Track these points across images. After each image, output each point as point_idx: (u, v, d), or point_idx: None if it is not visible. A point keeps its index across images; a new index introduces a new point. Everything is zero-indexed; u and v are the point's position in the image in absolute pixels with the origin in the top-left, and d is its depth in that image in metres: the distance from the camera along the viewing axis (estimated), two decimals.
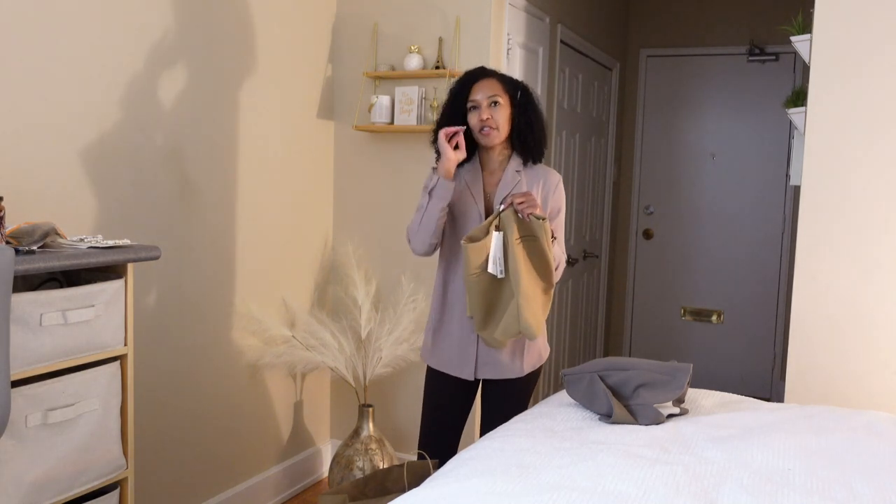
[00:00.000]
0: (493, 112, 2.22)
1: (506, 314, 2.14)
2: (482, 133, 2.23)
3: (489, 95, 2.22)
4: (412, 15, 3.21)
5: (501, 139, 2.26)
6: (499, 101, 2.22)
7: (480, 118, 2.21)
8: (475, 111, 2.23)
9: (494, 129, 2.22)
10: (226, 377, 2.90)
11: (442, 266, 2.35)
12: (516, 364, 2.31)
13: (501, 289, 2.17)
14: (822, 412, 2.06)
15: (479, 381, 2.39)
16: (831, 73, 2.49)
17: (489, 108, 2.22)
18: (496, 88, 2.23)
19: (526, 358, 2.32)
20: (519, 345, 2.31)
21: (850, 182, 2.49)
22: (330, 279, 3.45)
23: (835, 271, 2.53)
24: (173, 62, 2.56)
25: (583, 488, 1.48)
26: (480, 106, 2.22)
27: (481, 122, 2.21)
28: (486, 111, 2.21)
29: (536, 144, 2.28)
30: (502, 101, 2.23)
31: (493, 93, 2.22)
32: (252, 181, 2.94)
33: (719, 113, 5.06)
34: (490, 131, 2.22)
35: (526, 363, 2.33)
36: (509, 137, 2.28)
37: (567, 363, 4.40)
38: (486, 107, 2.21)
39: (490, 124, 2.21)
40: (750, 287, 5.02)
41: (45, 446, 1.79)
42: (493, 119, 2.21)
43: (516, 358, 2.31)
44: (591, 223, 4.70)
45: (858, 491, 1.52)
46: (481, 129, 2.22)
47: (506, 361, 2.30)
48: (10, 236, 1.81)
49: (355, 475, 3.00)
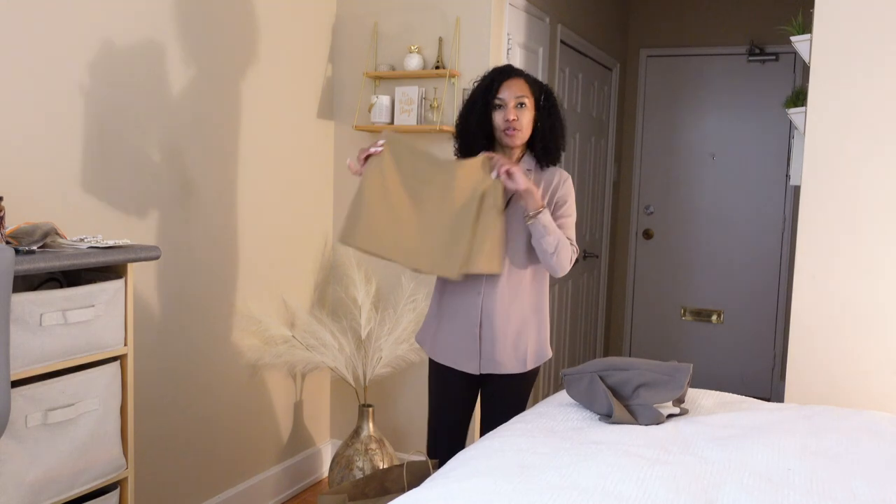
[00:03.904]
0: (519, 113, 2.21)
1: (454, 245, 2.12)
2: (506, 133, 2.22)
3: (517, 96, 2.21)
4: (412, 15, 3.21)
5: (524, 140, 2.26)
6: (525, 103, 2.22)
7: (507, 118, 2.21)
8: (501, 110, 2.22)
9: (519, 130, 2.22)
10: (226, 377, 2.90)
11: None
12: (520, 359, 2.31)
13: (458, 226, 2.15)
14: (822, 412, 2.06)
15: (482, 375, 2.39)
16: (831, 73, 2.49)
17: (516, 109, 2.21)
18: (524, 89, 2.23)
19: (529, 354, 2.32)
20: (523, 340, 2.30)
21: (850, 182, 2.49)
22: (330, 279, 3.45)
23: (835, 271, 2.53)
24: (173, 62, 2.56)
25: (583, 488, 1.48)
26: (507, 105, 2.21)
27: (507, 122, 2.21)
28: (513, 112, 2.21)
29: (556, 149, 2.29)
30: (528, 104, 2.22)
31: (521, 93, 2.22)
32: (252, 181, 2.94)
33: (719, 113, 5.06)
34: (514, 132, 2.22)
35: (529, 359, 2.32)
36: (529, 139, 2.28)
37: (567, 363, 4.40)
38: (513, 107, 2.21)
39: (516, 125, 2.21)
40: (750, 287, 5.02)
41: (45, 446, 1.79)
42: (518, 120, 2.21)
43: (520, 353, 2.30)
44: (591, 223, 4.70)
45: (858, 491, 1.52)
46: (506, 129, 2.22)
47: (510, 356, 2.29)
48: (10, 236, 1.81)
49: (355, 475, 3.00)
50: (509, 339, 2.28)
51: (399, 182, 2.17)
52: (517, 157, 2.30)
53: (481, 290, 2.26)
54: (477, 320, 2.27)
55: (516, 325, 2.29)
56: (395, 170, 2.17)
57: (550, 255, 2.20)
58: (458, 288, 2.28)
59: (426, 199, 2.15)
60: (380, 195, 2.16)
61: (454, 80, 3.12)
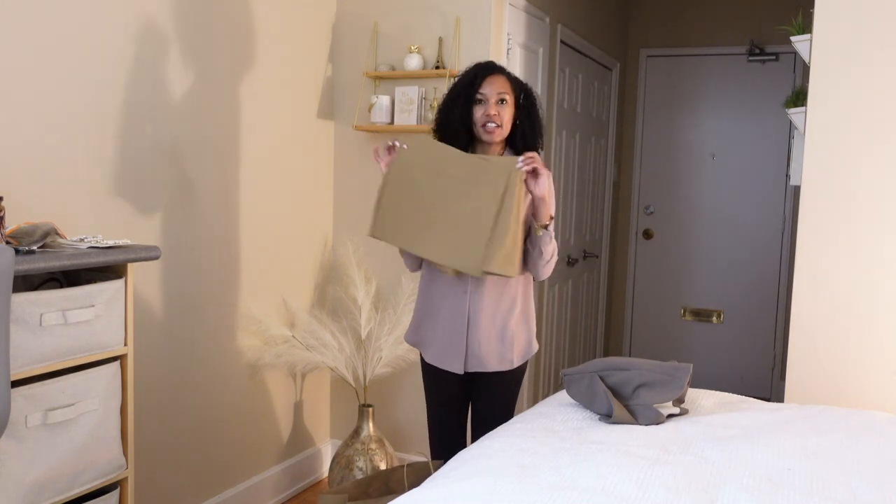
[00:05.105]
0: (500, 109, 2.23)
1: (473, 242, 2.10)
2: (485, 129, 2.23)
3: (498, 92, 2.23)
4: (412, 15, 3.21)
5: (503, 137, 2.27)
6: (506, 100, 2.24)
7: (487, 113, 2.22)
8: (482, 105, 2.24)
9: (499, 126, 2.23)
10: (226, 377, 2.90)
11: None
12: (507, 358, 2.31)
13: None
14: (822, 412, 2.06)
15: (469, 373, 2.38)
16: (831, 73, 2.49)
17: (497, 105, 2.23)
18: (506, 86, 2.25)
19: (516, 353, 2.32)
20: (509, 337, 2.30)
21: (850, 182, 2.49)
22: (330, 279, 3.45)
23: (835, 271, 2.53)
24: (173, 62, 2.56)
25: (583, 488, 1.48)
26: (488, 101, 2.23)
27: (487, 116, 2.22)
28: (494, 107, 2.22)
29: (535, 147, 2.30)
30: (509, 101, 2.24)
31: (503, 90, 2.23)
32: (252, 181, 2.94)
33: (719, 113, 5.06)
34: (494, 128, 2.23)
35: (516, 357, 2.32)
36: (508, 136, 2.29)
37: (567, 363, 4.40)
38: (495, 103, 2.22)
39: (496, 120, 2.22)
40: (750, 287, 5.02)
41: (45, 446, 1.79)
42: (499, 116, 2.22)
43: (506, 352, 2.30)
44: (591, 223, 4.70)
45: (858, 491, 1.52)
46: (485, 123, 2.23)
47: (496, 355, 2.29)
48: (10, 236, 1.81)
49: (355, 475, 3.00)
50: (495, 339, 2.28)
51: (423, 175, 2.16)
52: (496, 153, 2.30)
53: (468, 289, 2.26)
54: (464, 319, 2.27)
55: (502, 323, 2.29)
56: (420, 163, 2.17)
57: (546, 262, 2.22)
58: (445, 287, 2.29)
59: (449, 194, 2.13)
60: (401, 189, 2.16)
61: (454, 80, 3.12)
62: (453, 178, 2.13)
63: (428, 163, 2.17)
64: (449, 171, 2.14)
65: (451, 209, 2.12)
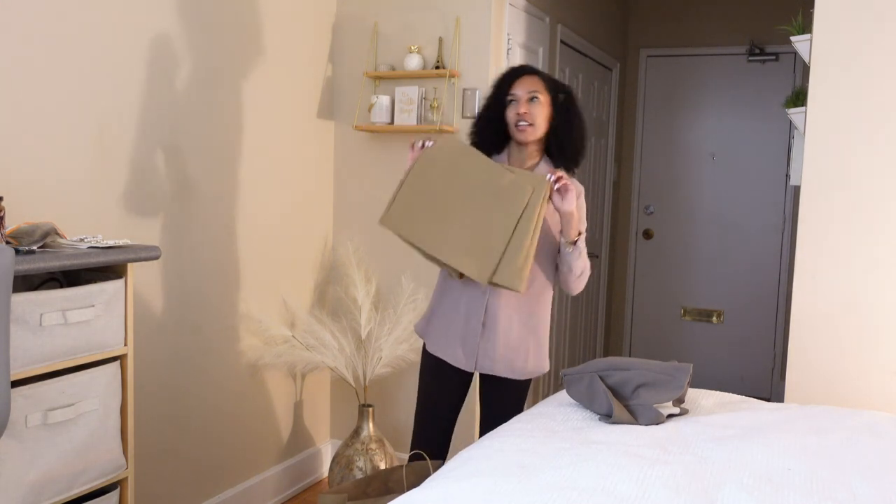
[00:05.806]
0: (530, 107, 2.21)
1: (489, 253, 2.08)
2: (517, 128, 2.22)
3: (529, 91, 2.21)
4: (412, 15, 3.21)
5: (536, 136, 2.23)
6: (538, 98, 2.21)
7: (517, 112, 2.21)
8: (513, 105, 2.23)
9: (530, 124, 2.20)
10: (226, 377, 2.90)
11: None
12: (518, 368, 2.29)
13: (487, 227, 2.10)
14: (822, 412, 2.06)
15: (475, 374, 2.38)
16: (831, 73, 2.49)
17: (527, 104, 2.21)
18: (537, 85, 2.23)
19: (528, 365, 2.30)
20: (523, 349, 2.28)
21: (849, 182, 2.49)
22: (330, 279, 3.45)
23: (835, 271, 2.53)
24: (173, 62, 2.56)
25: (583, 488, 1.48)
26: (519, 100, 2.22)
27: (518, 115, 2.21)
28: (524, 106, 2.20)
29: (574, 152, 2.26)
30: (542, 99, 2.22)
31: (534, 89, 2.22)
32: (252, 181, 2.94)
33: (719, 113, 5.06)
34: (526, 127, 2.21)
35: (527, 369, 2.30)
36: (545, 140, 2.26)
37: (567, 363, 4.40)
38: (525, 102, 2.21)
39: (527, 119, 2.20)
40: (750, 287, 5.02)
41: (45, 446, 1.79)
42: (529, 114, 2.20)
43: (518, 361, 2.28)
44: (591, 223, 4.69)
45: (858, 491, 1.52)
46: (517, 123, 2.21)
47: (507, 361, 2.28)
48: (10, 236, 1.81)
49: (355, 475, 3.00)
50: (511, 344, 2.27)
51: (446, 175, 2.14)
52: (534, 159, 2.28)
53: (487, 289, 2.25)
54: (480, 318, 2.26)
55: (518, 331, 2.27)
56: (445, 163, 2.15)
57: (577, 277, 2.23)
58: (465, 283, 2.28)
59: (469, 199, 2.11)
60: (422, 183, 2.14)
61: (454, 80, 3.12)
62: (476, 184, 2.12)
63: (453, 164, 2.15)
64: (473, 177, 2.13)
65: (468, 214, 2.10)
